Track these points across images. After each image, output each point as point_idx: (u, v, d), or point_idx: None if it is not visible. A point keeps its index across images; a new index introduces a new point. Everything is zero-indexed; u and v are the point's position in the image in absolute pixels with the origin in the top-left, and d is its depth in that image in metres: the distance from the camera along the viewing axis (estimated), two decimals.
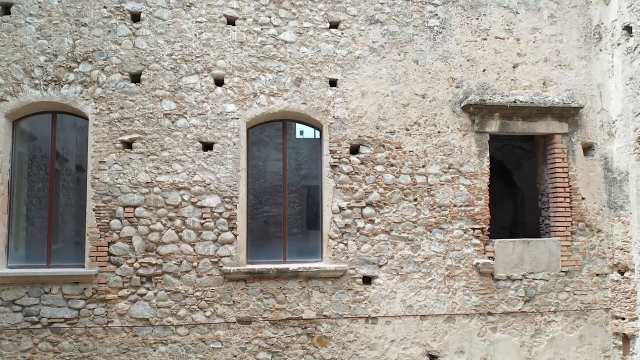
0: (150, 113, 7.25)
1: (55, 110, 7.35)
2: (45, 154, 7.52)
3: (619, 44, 7.92)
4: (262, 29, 7.54)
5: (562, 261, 7.78)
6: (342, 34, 7.69)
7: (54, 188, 7.34)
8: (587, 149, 8.09)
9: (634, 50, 7.64)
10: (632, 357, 7.64)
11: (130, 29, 7.33)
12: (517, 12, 8.07)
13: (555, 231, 7.91)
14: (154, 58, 7.32)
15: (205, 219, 7.21)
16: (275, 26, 7.57)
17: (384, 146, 7.62)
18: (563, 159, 7.94)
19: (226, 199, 7.27)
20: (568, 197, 7.88)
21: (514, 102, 7.75)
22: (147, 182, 7.16)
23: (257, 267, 7.27)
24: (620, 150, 7.87)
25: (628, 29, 7.79)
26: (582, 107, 7.94)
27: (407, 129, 7.69)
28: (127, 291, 6.99)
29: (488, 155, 7.81)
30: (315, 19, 7.65)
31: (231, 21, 7.52)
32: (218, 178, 7.28)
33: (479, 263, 7.55)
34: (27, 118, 7.38)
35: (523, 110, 7.79)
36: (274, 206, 8.28)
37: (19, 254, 7.29)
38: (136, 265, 7.05)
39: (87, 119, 7.20)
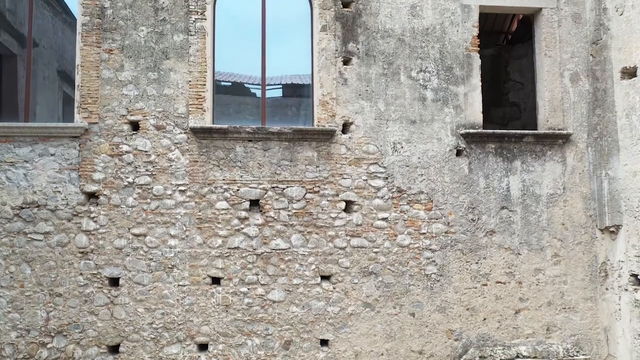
0: None
1: None
2: None
3: (626, 289, 7.50)
4: (248, 289, 7.10)
5: None
6: (334, 288, 7.26)
7: None
8: None
9: None
10: None
11: (108, 297, 6.89)
12: (519, 254, 7.65)
13: None
14: (133, 328, 6.88)
15: None
16: (262, 285, 7.13)
17: None
18: None
19: None
20: None
21: (517, 356, 7.32)
22: None
23: None
24: None
25: (635, 277, 7.38)
26: (588, 359, 7.52)
27: None
28: None
29: None
30: (305, 275, 7.22)
31: (216, 281, 7.08)
32: None
33: None
34: None
35: None
36: None
37: None
38: None
39: None
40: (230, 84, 8.45)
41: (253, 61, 7.71)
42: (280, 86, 8.39)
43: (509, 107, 11.43)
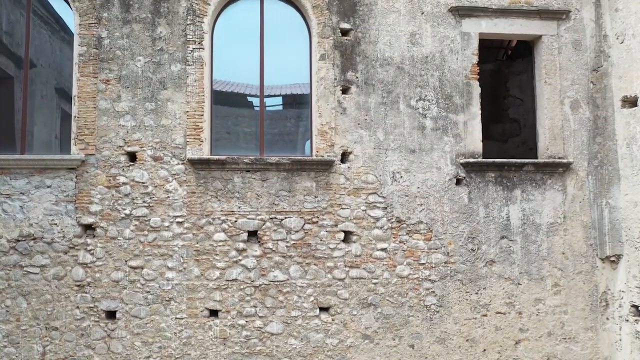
0: None
1: None
2: None
3: (627, 320, 7.45)
4: (246, 321, 7.05)
5: None
6: (333, 320, 7.20)
7: None
8: None
9: None
10: None
11: (105, 331, 6.83)
12: (519, 284, 7.59)
13: None
14: None
15: None
16: (261, 317, 7.07)
17: None
18: None
19: None
20: None
21: None
22: None
23: None
24: None
25: (636, 308, 7.33)
26: None
27: None
28: None
29: None
30: (303, 306, 7.16)
31: (214, 314, 7.03)
32: None
33: None
34: None
35: None
36: None
37: None
38: None
39: None
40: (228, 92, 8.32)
41: (252, 68, 7.65)
42: (280, 96, 8.29)
43: (508, 124, 11.39)
